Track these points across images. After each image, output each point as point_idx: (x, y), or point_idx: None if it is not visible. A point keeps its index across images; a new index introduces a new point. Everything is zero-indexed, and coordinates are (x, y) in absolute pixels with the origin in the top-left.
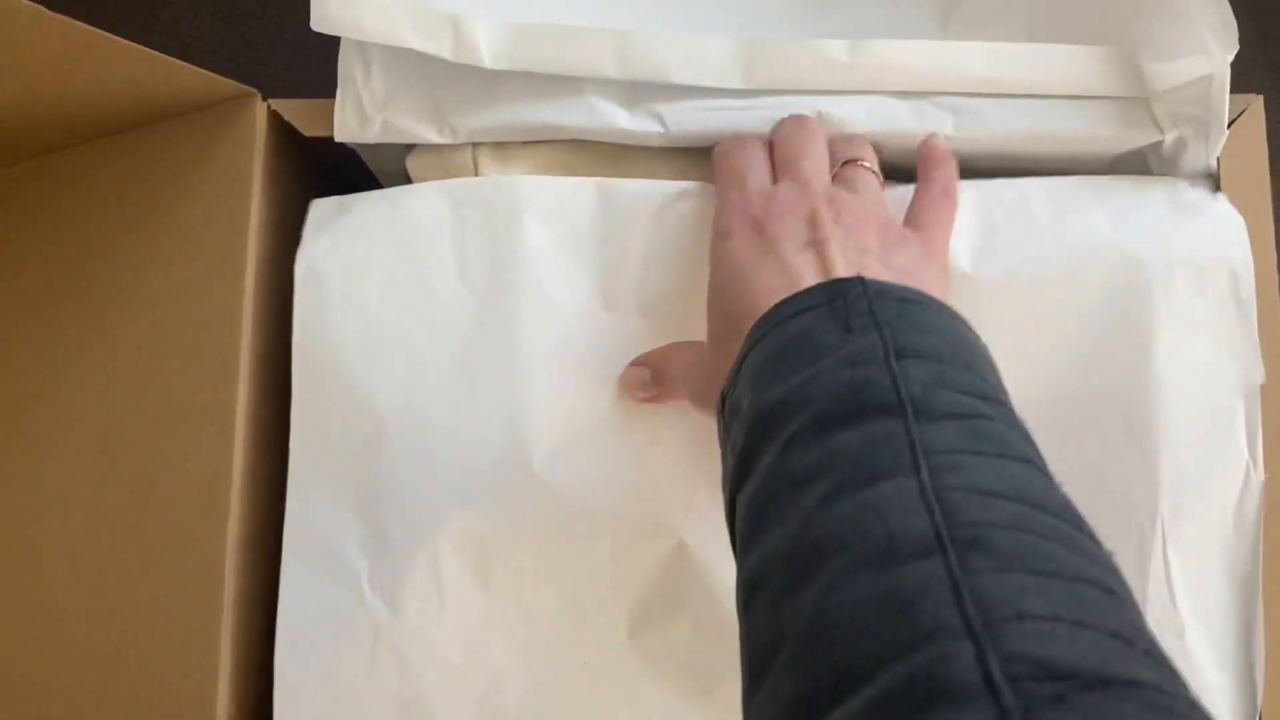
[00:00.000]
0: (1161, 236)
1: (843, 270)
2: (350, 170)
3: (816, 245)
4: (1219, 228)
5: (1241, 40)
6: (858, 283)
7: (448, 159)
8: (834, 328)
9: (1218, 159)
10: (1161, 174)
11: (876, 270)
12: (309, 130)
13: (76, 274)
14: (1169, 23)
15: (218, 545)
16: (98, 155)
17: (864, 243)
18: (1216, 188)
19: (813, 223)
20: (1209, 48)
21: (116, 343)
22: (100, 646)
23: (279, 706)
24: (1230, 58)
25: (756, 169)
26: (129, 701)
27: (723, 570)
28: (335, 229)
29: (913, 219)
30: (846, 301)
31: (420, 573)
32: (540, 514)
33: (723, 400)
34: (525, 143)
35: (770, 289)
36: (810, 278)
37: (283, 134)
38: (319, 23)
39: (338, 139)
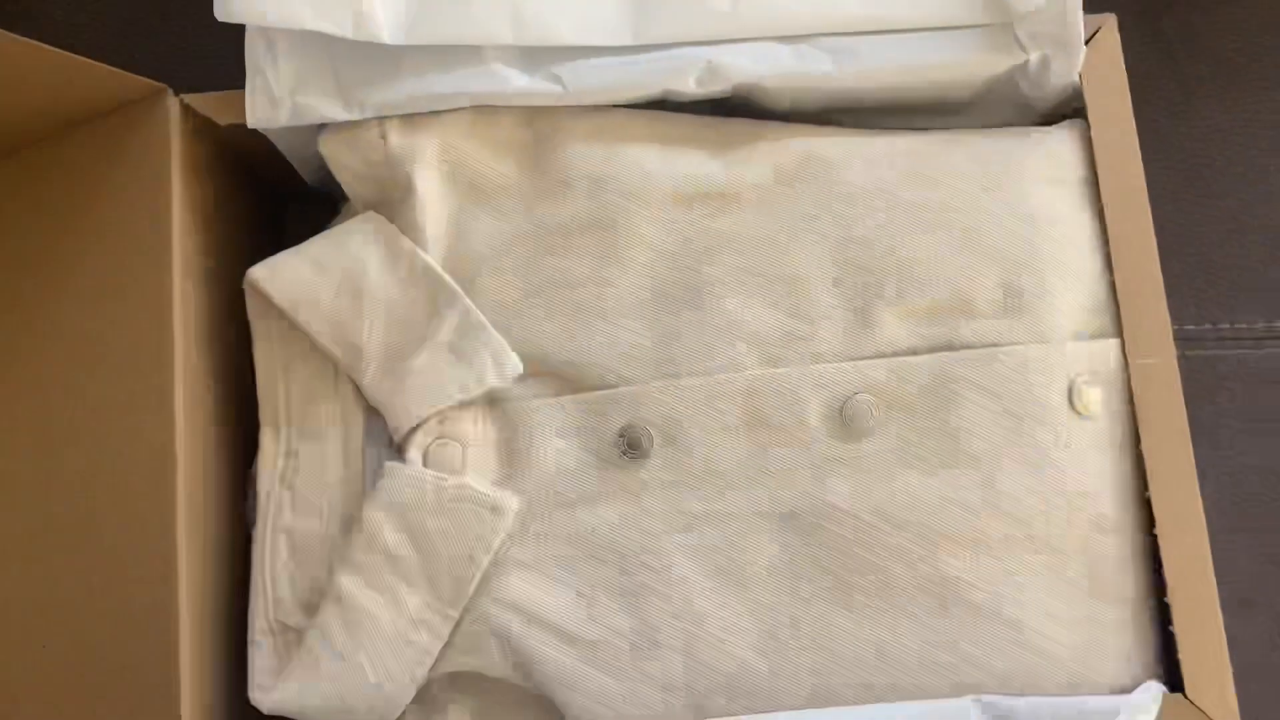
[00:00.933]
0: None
1: None
2: (266, 159)
3: None
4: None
5: None
6: None
7: (357, 136)
8: None
9: (1079, 75)
10: (1030, 94)
11: None
12: (223, 120)
13: (7, 282)
14: None
15: (168, 527)
16: (11, 170)
17: None
18: (1080, 102)
19: None
20: None
21: (49, 346)
22: (58, 641)
23: None
24: None
25: None
26: (91, 690)
27: None
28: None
29: None
30: None
31: None
32: None
33: None
34: (429, 120)
35: None
36: None
37: (196, 127)
38: (222, 13)
39: (250, 125)
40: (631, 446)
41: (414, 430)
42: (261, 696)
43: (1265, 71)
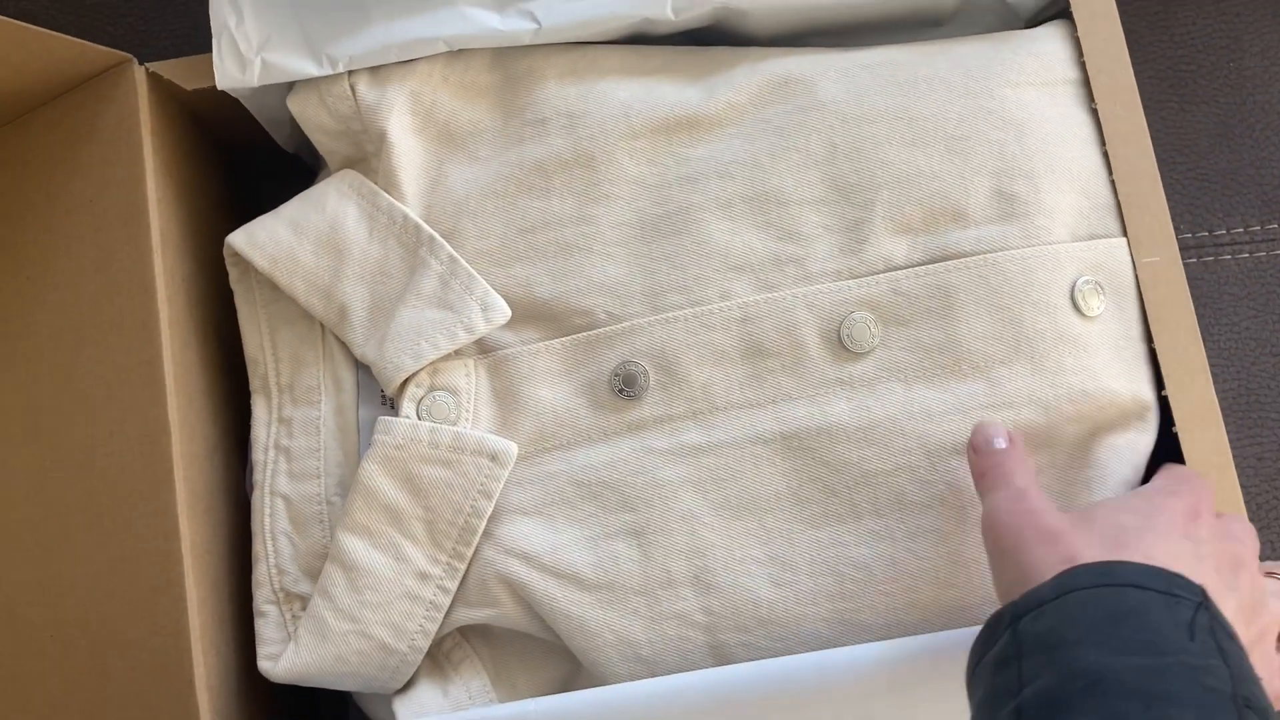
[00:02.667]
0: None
1: (1171, 567)
2: (238, 127)
3: (1126, 529)
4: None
5: None
6: (1198, 590)
7: (325, 91)
8: (1170, 621)
9: None
10: (1014, 2)
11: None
12: (190, 85)
13: None
14: None
15: (168, 501)
16: None
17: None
18: (1061, 6)
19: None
20: None
21: (33, 331)
22: (65, 627)
23: None
24: None
25: None
26: (103, 673)
27: None
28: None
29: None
30: (1180, 600)
31: None
32: None
33: (1017, 614)
34: (399, 69)
35: (1063, 545)
36: (1094, 554)
37: (164, 95)
38: None
39: (220, 87)
40: (627, 384)
41: (405, 384)
42: (270, 666)
43: None
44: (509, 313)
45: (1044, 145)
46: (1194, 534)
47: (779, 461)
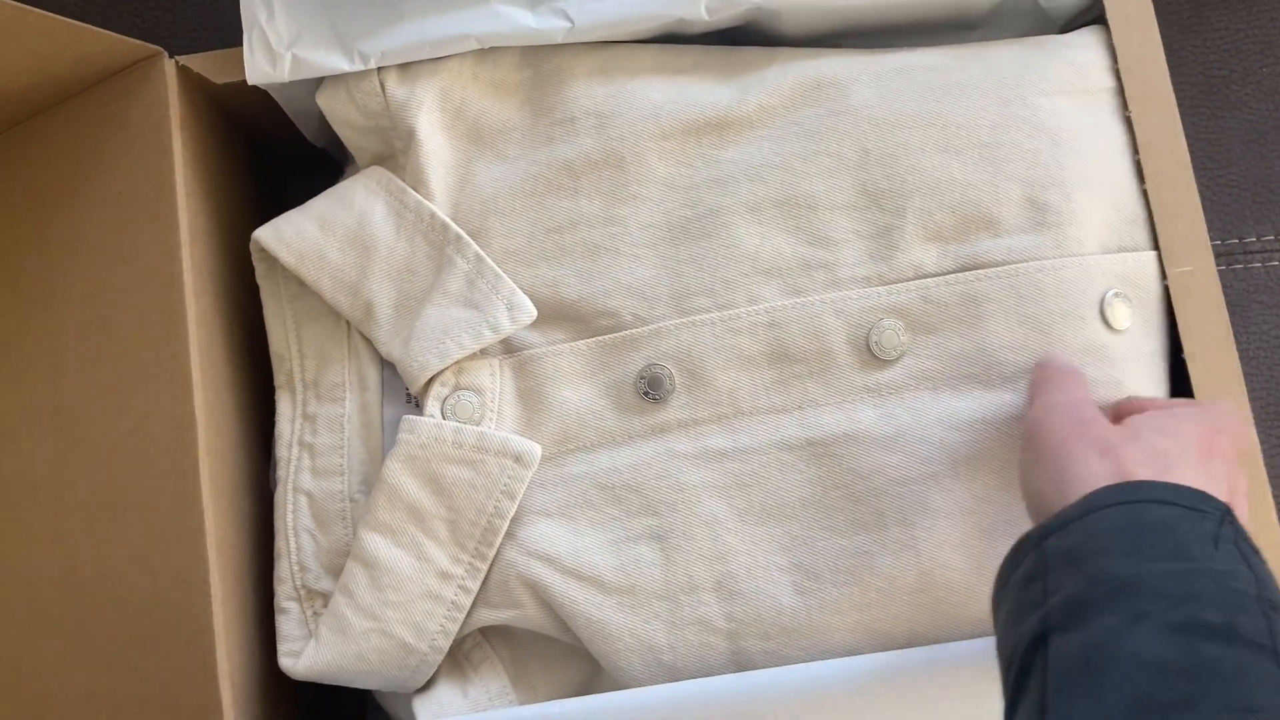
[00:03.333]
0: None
1: (1192, 483)
2: (267, 121)
3: (1166, 452)
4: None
5: None
6: (1222, 506)
7: (355, 87)
8: (1195, 533)
9: None
10: (1047, 3)
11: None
12: (220, 79)
13: (8, 266)
14: None
15: (193, 497)
16: (11, 145)
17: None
18: (1097, 11)
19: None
20: None
21: (59, 324)
22: (88, 621)
23: None
24: None
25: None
26: (126, 668)
27: None
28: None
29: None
30: (1205, 514)
31: None
32: None
33: (1044, 534)
34: (427, 66)
35: (1113, 459)
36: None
37: (193, 89)
38: None
39: (250, 82)
40: (652, 387)
41: (430, 383)
42: (291, 663)
43: None
44: (535, 313)
45: (1077, 155)
46: (1214, 461)
47: (804, 468)
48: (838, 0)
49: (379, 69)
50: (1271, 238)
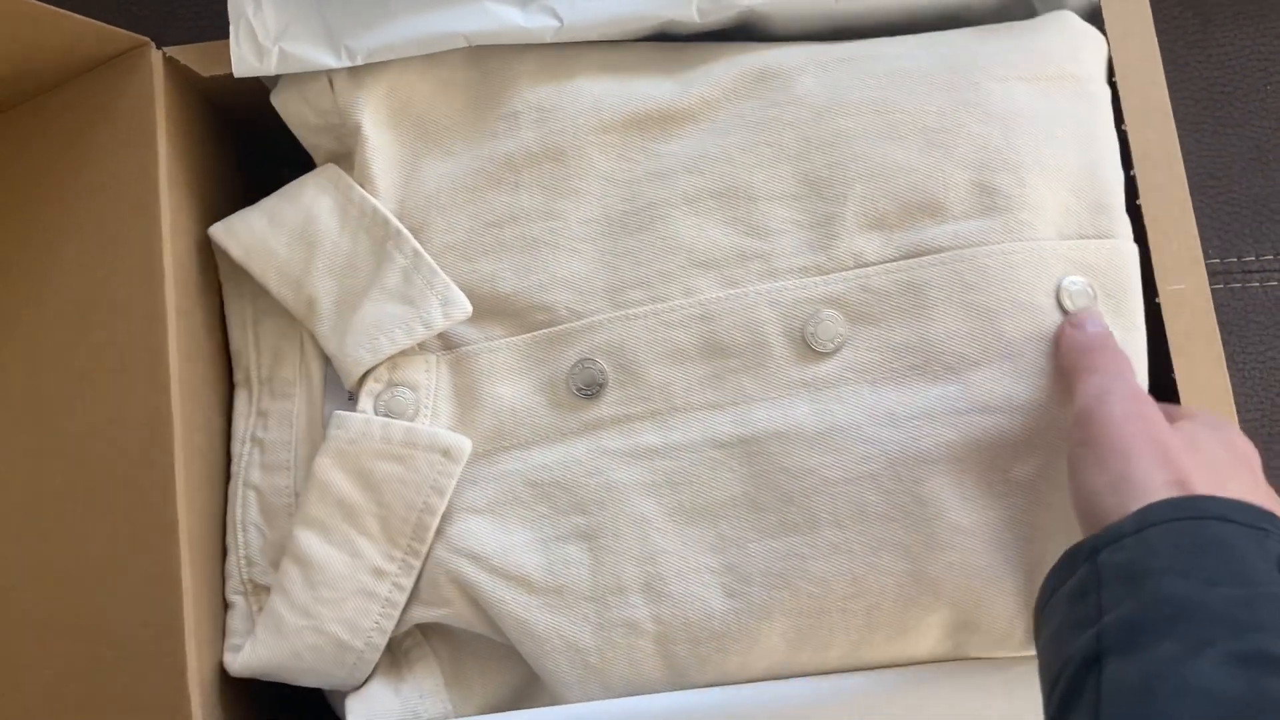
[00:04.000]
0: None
1: (1248, 499)
2: (254, 116)
3: (1223, 464)
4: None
5: None
6: (1277, 521)
7: (306, 86)
8: (1258, 554)
9: None
10: (1045, 11)
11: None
12: (207, 71)
13: None
14: None
15: (167, 492)
16: None
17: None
18: (1097, 22)
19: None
20: None
21: (39, 312)
22: (57, 614)
23: None
24: None
25: None
26: (95, 661)
27: None
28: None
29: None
30: (1267, 534)
31: None
32: None
33: (1097, 546)
34: (376, 64)
35: (1174, 467)
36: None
37: (181, 81)
38: None
39: (236, 74)
40: (585, 383)
41: (365, 379)
42: (231, 659)
43: None
44: (469, 309)
45: (1032, 140)
46: (1259, 478)
47: (736, 466)
48: (829, 3)
49: (330, 71)
50: (1271, 257)
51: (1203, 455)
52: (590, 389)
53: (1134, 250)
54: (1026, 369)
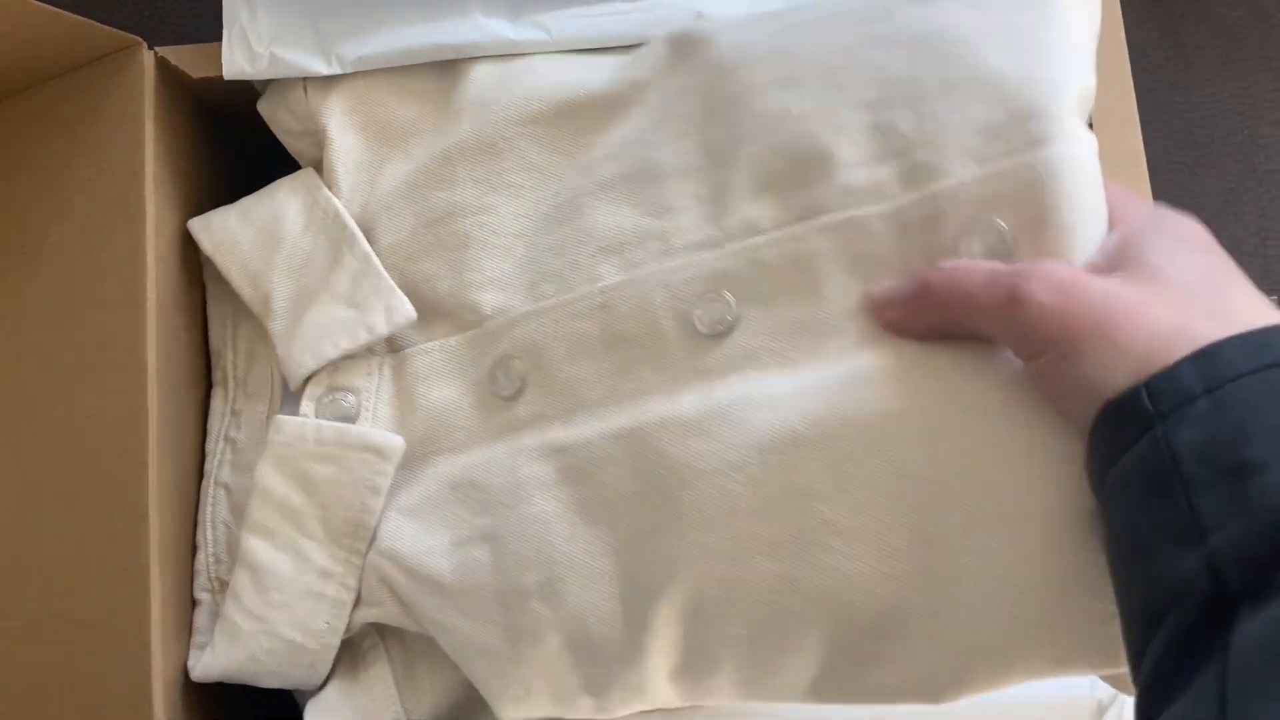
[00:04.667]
0: None
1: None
2: (245, 118)
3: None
4: None
5: None
6: None
7: (285, 93)
8: None
9: None
10: None
11: None
12: (198, 72)
13: None
14: None
15: (140, 488)
16: None
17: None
18: None
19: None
20: None
21: (21, 304)
22: (26, 605)
23: None
24: None
25: None
26: (60, 655)
27: None
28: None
29: None
30: None
31: None
32: None
33: (1159, 412)
34: (345, 75)
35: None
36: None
37: (171, 82)
38: None
39: (226, 77)
40: (504, 382)
41: (307, 382)
42: (194, 663)
43: (1266, 39)
44: (413, 314)
45: (943, 60)
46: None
47: (626, 460)
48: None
49: (305, 80)
50: None
51: (1186, 290)
52: (510, 389)
53: (1077, 151)
54: (926, 346)
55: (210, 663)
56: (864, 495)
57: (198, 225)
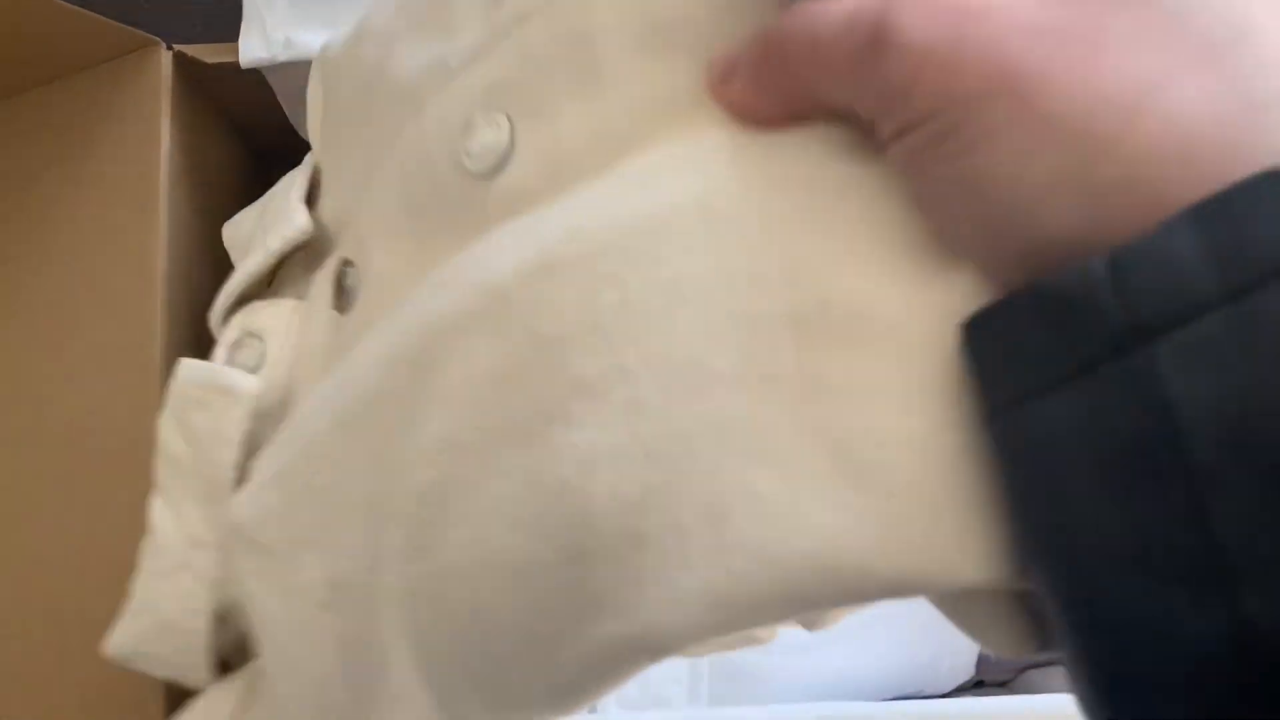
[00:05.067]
0: None
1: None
2: (261, 115)
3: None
4: None
5: None
6: None
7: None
8: None
9: None
10: None
11: None
12: (213, 59)
13: None
14: None
15: (146, 486)
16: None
17: None
18: None
19: None
20: None
21: (32, 299)
22: (33, 602)
23: None
24: None
25: None
26: (67, 652)
27: None
28: None
29: None
30: None
31: None
32: None
33: (1135, 324)
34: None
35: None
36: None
37: (190, 82)
38: None
39: (244, 64)
40: (343, 297)
41: (223, 327)
42: (109, 641)
43: None
44: (305, 225)
45: None
46: None
47: (377, 350)
48: None
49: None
50: None
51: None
52: (341, 301)
53: None
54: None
55: (114, 642)
56: (625, 333)
57: (227, 229)
